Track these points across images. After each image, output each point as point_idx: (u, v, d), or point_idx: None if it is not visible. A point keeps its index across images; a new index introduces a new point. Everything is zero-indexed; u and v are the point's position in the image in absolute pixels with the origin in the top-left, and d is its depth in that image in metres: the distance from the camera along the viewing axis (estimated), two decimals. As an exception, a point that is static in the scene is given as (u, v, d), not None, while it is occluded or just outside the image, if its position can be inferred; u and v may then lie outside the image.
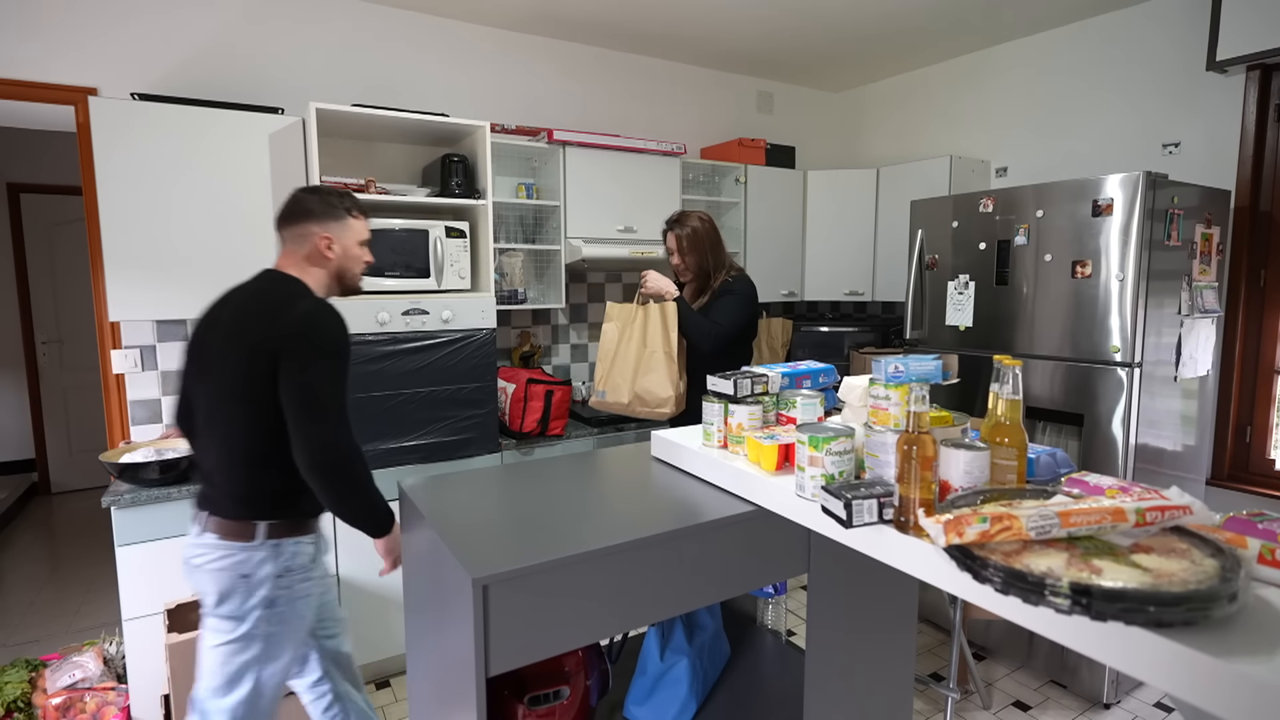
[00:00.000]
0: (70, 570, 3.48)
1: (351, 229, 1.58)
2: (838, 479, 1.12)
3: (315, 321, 1.43)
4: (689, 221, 2.33)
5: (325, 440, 1.38)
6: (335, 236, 1.56)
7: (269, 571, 1.44)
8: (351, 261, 1.60)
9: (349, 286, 1.63)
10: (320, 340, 1.41)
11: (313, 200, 1.56)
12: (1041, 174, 3.11)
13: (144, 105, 2.12)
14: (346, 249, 1.58)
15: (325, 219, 1.55)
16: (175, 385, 2.48)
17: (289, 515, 1.46)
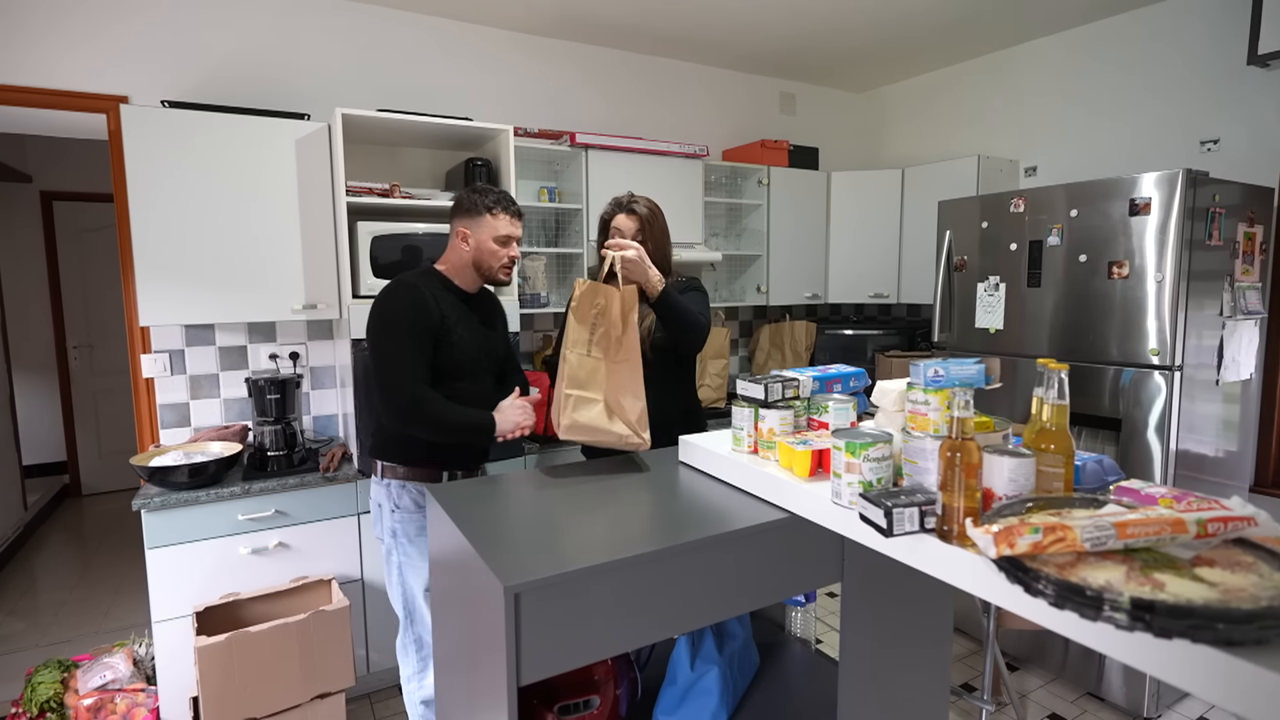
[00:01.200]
0: (100, 571, 3.53)
1: (488, 225, 1.75)
2: (876, 486, 1.09)
3: (377, 299, 1.73)
4: (645, 203, 1.92)
5: (385, 398, 1.67)
6: (471, 231, 1.76)
7: (389, 505, 1.79)
8: (486, 255, 1.77)
9: (489, 279, 1.82)
10: (374, 315, 1.70)
11: (462, 197, 1.79)
12: (1073, 173, 3.05)
13: (174, 113, 2.15)
14: (480, 243, 1.76)
15: (466, 214, 1.77)
16: (205, 389, 2.51)
17: (392, 457, 1.78)
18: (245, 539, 2.12)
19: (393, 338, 1.67)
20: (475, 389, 1.81)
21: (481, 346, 1.82)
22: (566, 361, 1.54)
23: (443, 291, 1.77)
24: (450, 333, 1.74)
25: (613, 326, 1.56)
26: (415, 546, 1.79)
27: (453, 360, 1.75)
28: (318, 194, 2.33)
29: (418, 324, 1.69)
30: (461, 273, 1.80)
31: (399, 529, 1.79)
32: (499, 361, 1.93)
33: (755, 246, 3.46)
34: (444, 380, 1.75)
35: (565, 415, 1.50)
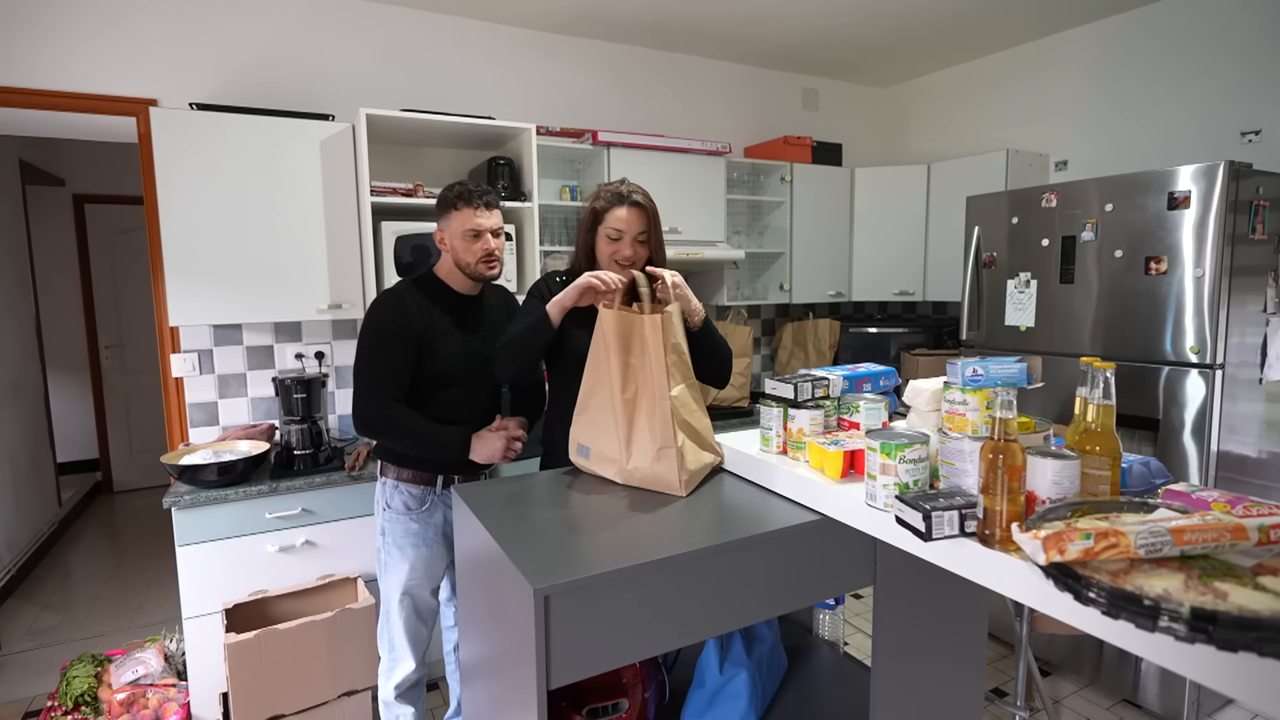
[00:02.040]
0: (132, 567, 3.59)
1: (456, 220, 1.69)
2: (912, 488, 1.06)
3: (370, 308, 1.72)
4: (644, 193, 1.66)
5: (353, 408, 1.69)
6: (445, 229, 1.72)
7: (382, 502, 1.79)
8: (461, 252, 1.70)
9: (473, 275, 1.74)
10: (363, 323, 1.71)
11: (438, 198, 1.74)
12: (1106, 167, 2.97)
13: (201, 115, 2.17)
14: (453, 240, 1.70)
15: (439, 214, 1.73)
16: (232, 388, 2.54)
17: (388, 458, 1.78)
18: (273, 537, 2.14)
19: (364, 351, 1.68)
20: (469, 396, 1.78)
21: (479, 351, 1.77)
22: (665, 410, 1.34)
23: (434, 297, 1.73)
24: (436, 341, 1.70)
25: (650, 356, 1.36)
26: (399, 549, 1.77)
27: (438, 369, 1.71)
28: (342, 194, 2.34)
29: (393, 336, 1.67)
30: (454, 275, 1.76)
31: (386, 528, 1.78)
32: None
33: (778, 244, 3.42)
34: (434, 388, 1.72)
35: (684, 471, 1.34)
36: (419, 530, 1.77)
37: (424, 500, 1.77)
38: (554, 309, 1.56)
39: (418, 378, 1.71)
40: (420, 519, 1.77)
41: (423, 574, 1.78)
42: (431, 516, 1.78)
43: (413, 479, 1.76)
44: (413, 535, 1.76)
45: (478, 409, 1.81)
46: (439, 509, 1.79)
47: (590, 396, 1.47)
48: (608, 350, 1.41)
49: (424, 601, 1.81)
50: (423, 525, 1.77)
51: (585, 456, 1.49)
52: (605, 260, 1.66)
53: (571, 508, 1.32)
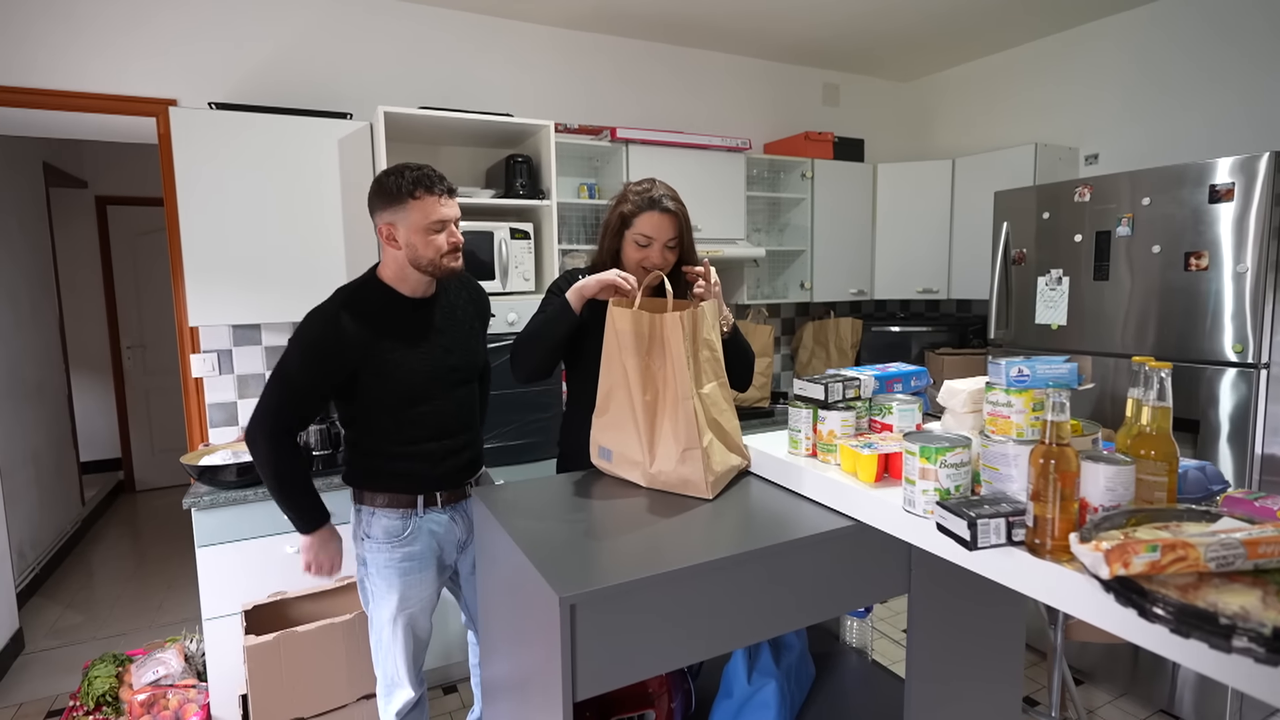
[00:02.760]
0: (153, 566, 3.62)
1: (413, 212, 1.45)
2: (954, 494, 1.02)
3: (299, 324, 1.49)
4: (675, 196, 1.59)
5: (251, 417, 1.50)
6: (397, 223, 1.46)
7: (360, 532, 1.60)
8: (421, 248, 1.47)
9: (436, 273, 1.51)
10: (291, 337, 1.49)
11: (374, 186, 1.49)
12: (1139, 159, 2.88)
13: (220, 114, 2.16)
14: (410, 236, 1.46)
15: (385, 205, 1.47)
16: (252, 389, 2.53)
17: (360, 484, 1.59)
18: (292, 538, 2.12)
19: (275, 374, 1.48)
20: (439, 411, 1.57)
21: (440, 361, 1.56)
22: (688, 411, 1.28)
23: (378, 308, 1.50)
24: (383, 359, 1.48)
25: (671, 357, 1.30)
26: (384, 580, 1.57)
27: (391, 389, 1.50)
28: (360, 193, 2.31)
29: (310, 365, 1.45)
30: (402, 277, 1.51)
31: (367, 559, 1.59)
32: (474, 368, 1.67)
33: (798, 242, 3.37)
34: (394, 410, 1.52)
35: (711, 473, 1.28)
36: (404, 558, 1.57)
37: (405, 526, 1.57)
38: (574, 296, 1.51)
39: (371, 402, 1.51)
40: (404, 545, 1.57)
41: (415, 602, 1.60)
42: (416, 541, 1.59)
43: (389, 503, 1.56)
44: (397, 565, 1.57)
45: (452, 423, 1.61)
46: (424, 531, 1.59)
47: (609, 398, 1.43)
48: (621, 350, 1.37)
49: (421, 627, 1.64)
50: (408, 552, 1.58)
51: (607, 459, 1.45)
52: (632, 267, 1.60)
53: (595, 512, 1.28)
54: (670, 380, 1.31)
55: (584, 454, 1.54)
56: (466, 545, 1.70)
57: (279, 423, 1.50)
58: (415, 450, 1.56)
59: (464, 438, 1.65)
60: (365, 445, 1.58)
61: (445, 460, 1.60)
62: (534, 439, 2.45)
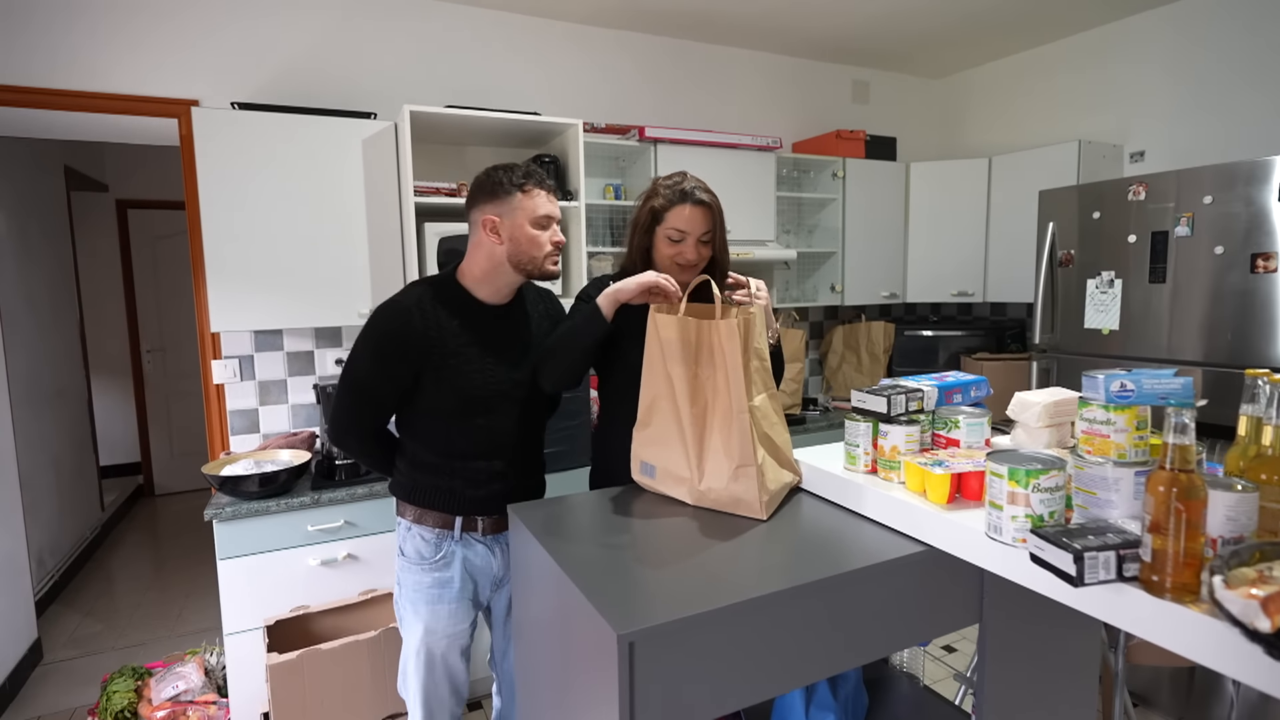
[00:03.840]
0: (173, 573, 3.58)
1: (522, 207, 1.39)
2: (1047, 521, 0.92)
3: (370, 316, 1.44)
4: (707, 189, 1.54)
5: (332, 417, 1.48)
6: (502, 217, 1.40)
7: (398, 546, 1.52)
8: (526, 244, 1.41)
9: (536, 274, 1.45)
10: (362, 331, 1.43)
11: (481, 178, 1.44)
12: (1189, 157, 2.76)
13: (242, 114, 2.11)
14: (516, 231, 1.40)
15: (490, 198, 1.41)
16: (273, 395, 2.48)
17: (401, 495, 1.51)
18: (315, 550, 2.06)
19: (346, 373, 1.42)
20: (498, 428, 1.47)
21: (507, 374, 1.47)
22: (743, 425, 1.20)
23: (453, 309, 1.43)
24: (446, 364, 1.40)
25: (725, 367, 1.22)
26: (411, 604, 1.48)
27: (450, 398, 1.42)
28: (384, 194, 2.26)
29: (378, 362, 1.40)
30: (489, 278, 1.44)
31: (401, 578, 1.50)
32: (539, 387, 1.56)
33: (828, 243, 3.27)
34: (449, 418, 1.44)
35: (765, 492, 1.20)
36: (433, 584, 1.47)
37: (439, 548, 1.47)
38: (606, 301, 1.43)
39: (427, 407, 1.44)
40: (434, 570, 1.47)
41: (442, 635, 1.48)
42: (449, 567, 1.47)
43: (424, 520, 1.47)
44: (425, 590, 1.46)
45: (507, 442, 1.49)
46: (458, 557, 1.48)
47: (651, 410, 1.35)
48: (665, 359, 1.29)
49: (452, 665, 1.51)
50: (437, 578, 1.47)
51: (650, 475, 1.37)
52: (665, 264, 1.54)
53: (642, 534, 1.20)
54: (722, 391, 1.23)
55: (619, 469, 1.46)
56: (503, 583, 1.57)
57: (360, 428, 1.47)
58: (460, 466, 1.46)
59: (518, 461, 1.53)
60: (411, 452, 1.49)
61: (491, 482, 1.48)
62: (561, 448, 2.37)
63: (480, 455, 1.47)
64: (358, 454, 1.53)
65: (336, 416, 1.46)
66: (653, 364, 1.31)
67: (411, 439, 1.49)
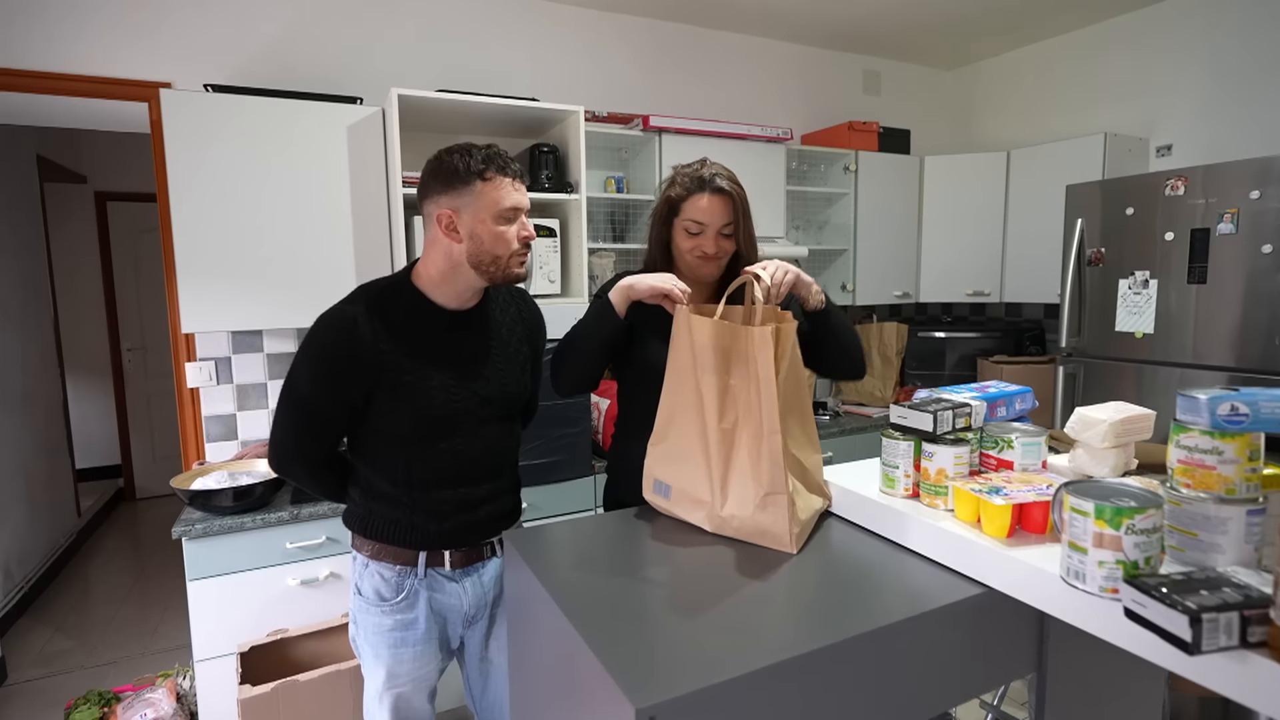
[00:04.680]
0: (152, 583, 3.42)
1: (483, 197, 1.18)
2: (1142, 568, 0.78)
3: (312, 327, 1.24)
4: (730, 176, 1.38)
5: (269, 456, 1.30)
6: (460, 209, 1.19)
7: (353, 583, 1.34)
8: (489, 242, 1.20)
9: (498, 276, 1.24)
10: (302, 343, 1.24)
11: (431, 166, 1.23)
12: (1219, 151, 2.63)
13: (217, 98, 1.95)
14: (477, 225, 1.19)
15: (445, 187, 1.20)
16: (252, 400, 2.32)
17: (355, 528, 1.33)
18: (294, 569, 1.91)
19: (286, 391, 1.23)
20: (462, 450, 1.28)
21: (472, 391, 1.27)
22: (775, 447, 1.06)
23: (407, 317, 1.23)
24: (402, 380, 1.21)
25: (759, 380, 1.07)
26: (371, 647, 1.31)
27: (407, 417, 1.22)
28: (371, 185, 2.11)
29: (322, 381, 1.20)
30: (448, 280, 1.24)
31: (358, 618, 1.32)
32: (514, 402, 1.37)
33: (839, 240, 3.13)
34: (405, 442, 1.25)
35: (795, 523, 1.07)
36: (394, 627, 1.29)
37: (400, 587, 1.29)
38: (619, 296, 1.32)
39: (380, 430, 1.24)
40: (395, 612, 1.29)
41: (406, 680, 1.32)
42: (412, 608, 1.30)
43: (383, 556, 1.28)
44: (386, 634, 1.29)
45: (473, 469, 1.30)
46: (422, 598, 1.30)
47: (670, 424, 1.20)
48: (697, 367, 1.14)
49: (417, 709, 1.36)
50: (400, 620, 1.29)
51: (665, 496, 1.22)
52: (684, 258, 1.41)
53: (658, 571, 1.05)
54: (753, 407, 1.08)
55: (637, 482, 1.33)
56: (476, 620, 1.38)
57: (305, 454, 1.27)
58: (422, 496, 1.28)
59: (488, 487, 1.34)
60: (366, 480, 1.30)
61: (458, 514, 1.30)
62: (561, 456, 2.23)
63: (444, 483, 1.29)
64: (305, 482, 1.33)
65: (278, 440, 1.26)
66: (680, 370, 1.16)
67: (365, 465, 1.30)
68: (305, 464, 1.29)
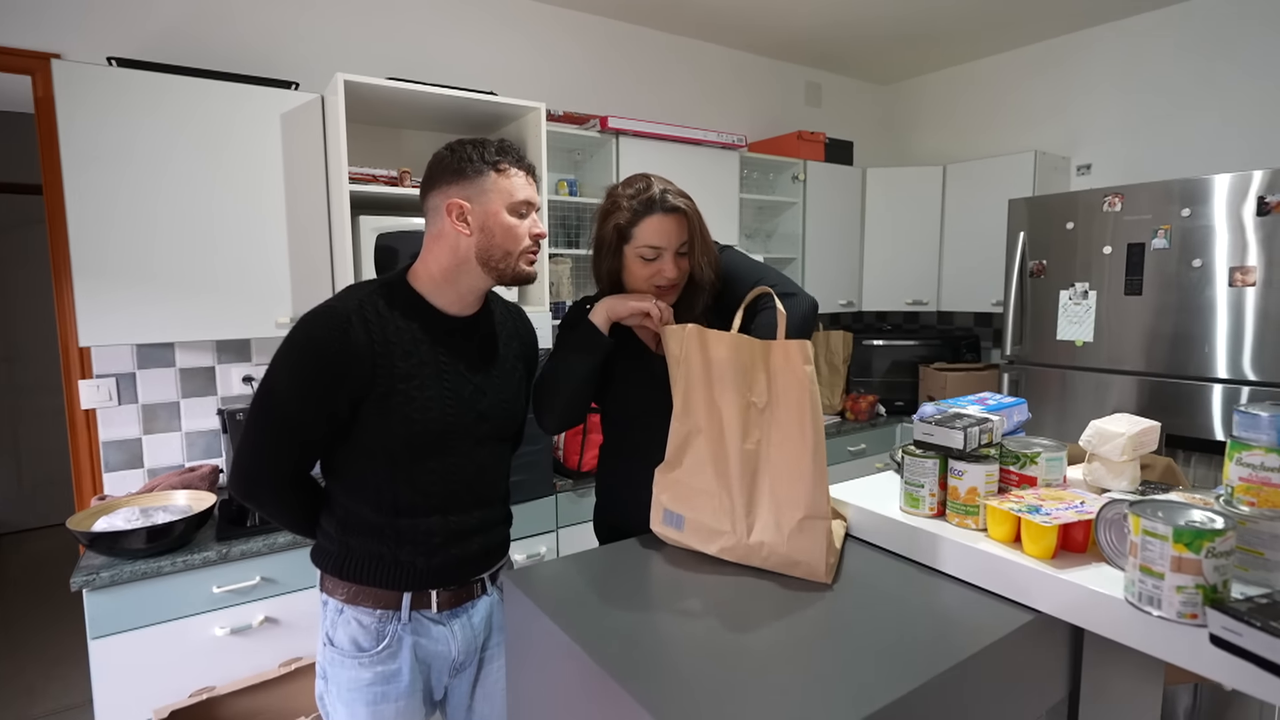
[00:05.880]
0: (26, 634, 2.96)
1: (496, 189, 1.10)
2: (1220, 591, 0.76)
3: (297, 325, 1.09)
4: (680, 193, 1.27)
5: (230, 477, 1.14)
6: (471, 202, 1.10)
7: (322, 633, 1.18)
8: (502, 236, 1.10)
9: (508, 273, 1.14)
10: (284, 344, 1.08)
11: (443, 156, 1.13)
12: (1134, 171, 2.83)
13: (124, 73, 1.69)
14: (489, 219, 1.10)
15: (454, 179, 1.10)
16: (161, 421, 2.04)
17: (328, 566, 1.16)
18: (223, 616, 1.67)
19: (259, 404, 1.08)
20: (454, 472, 1.16)
21: (469, 404, 1.16)
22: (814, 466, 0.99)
23: (404, 321, 1.12)
24: (396, 388, 1.09)
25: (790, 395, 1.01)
26: (345, 706, 1.15)
27: (397, 432, 1.09)
28: (310, 182, 1.90)
29: (305, 385, 1.06)
30: (451, 280, 1.14)
31: (329, 672, 1.16)
32: (511, 422, 1.25)
33: (787, 249, 3.14)
34: (392, 461, 1.11)
35: (832, 552, 1.00)
36: (374, 680, 1.14)
37: (381, 634, 1.14)
38: (600, 317, 1.26)
39: (364, 448, 1.11)
40: (376, 664, 1.14)
41: None
42: (395, 658, 1.15)
43: (363, 598, 1.13)
44: (364, 690, 1.13)
45: (466, 493, 1.18)
46: (406, 645, 1.15)
47: (684, 449, 1.11)
48: (714, 385, 1.06)
49: None
50: (380, 673, 1.14)
51: (677, 527, 1.13)
52: (642, 287, 1.29)
53: (688, 606, 0.95)
54: (786, 424, 1.01)
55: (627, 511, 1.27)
56: (464, 667, 1.23)
57: (276, 477, 1.11)
58: (409, 526, 1.14)
59: (479, 515, 1.20)
60: (343, 509, 1.15)
61: (448, 546, 1.16)
62: (520, 476, 2.08)
63: (434, 509, 1.15)
64: (272, 511, 1.16)
65: (244, 463, 1.10)
66: (691, 390, 1.07)
67: (343, 491, 1.15)
68: (278, 488, 1.12)
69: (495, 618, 1.28)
